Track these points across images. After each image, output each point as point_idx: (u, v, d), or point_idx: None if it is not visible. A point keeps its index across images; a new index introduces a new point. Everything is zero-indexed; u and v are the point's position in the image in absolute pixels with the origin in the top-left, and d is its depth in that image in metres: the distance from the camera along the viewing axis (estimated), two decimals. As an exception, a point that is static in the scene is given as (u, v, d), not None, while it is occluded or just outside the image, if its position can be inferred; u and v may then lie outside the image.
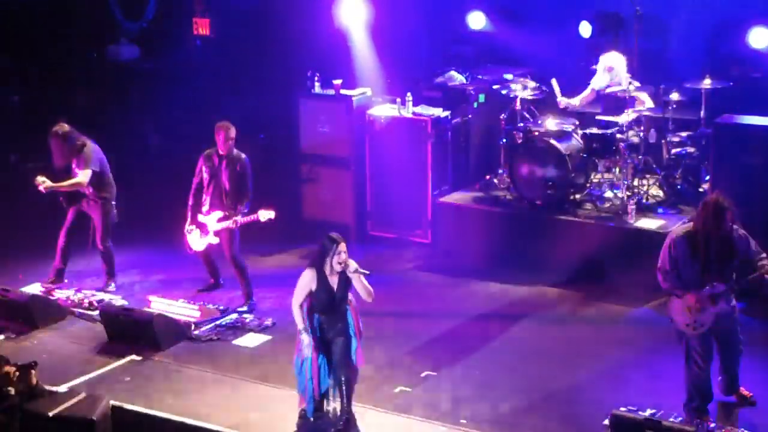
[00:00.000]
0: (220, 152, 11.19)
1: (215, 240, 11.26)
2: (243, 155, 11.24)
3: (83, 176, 11.43)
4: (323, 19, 14.51)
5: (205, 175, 11.27)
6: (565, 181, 12.17)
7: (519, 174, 12.44)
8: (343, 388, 8.74)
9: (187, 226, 11.33)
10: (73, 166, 11.51)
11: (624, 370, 9.89)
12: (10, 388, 8.37)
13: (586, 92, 12.80)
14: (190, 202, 11.34)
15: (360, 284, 8.56)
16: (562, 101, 12.77)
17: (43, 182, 11.44)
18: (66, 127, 11.51)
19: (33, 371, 8.63)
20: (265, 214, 11.03)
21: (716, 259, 8.56)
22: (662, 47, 14.20)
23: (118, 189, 11.84)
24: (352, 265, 8.51)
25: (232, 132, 11.18)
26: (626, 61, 12.60)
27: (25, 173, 13.98)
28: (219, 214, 11.15)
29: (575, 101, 12.82)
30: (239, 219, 11.08)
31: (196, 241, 11.33)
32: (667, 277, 8.70)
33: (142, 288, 11.88)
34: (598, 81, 12.68)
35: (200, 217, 11.26)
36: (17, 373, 8.48)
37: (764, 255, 8.65)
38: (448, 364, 10.03)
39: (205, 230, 11.25)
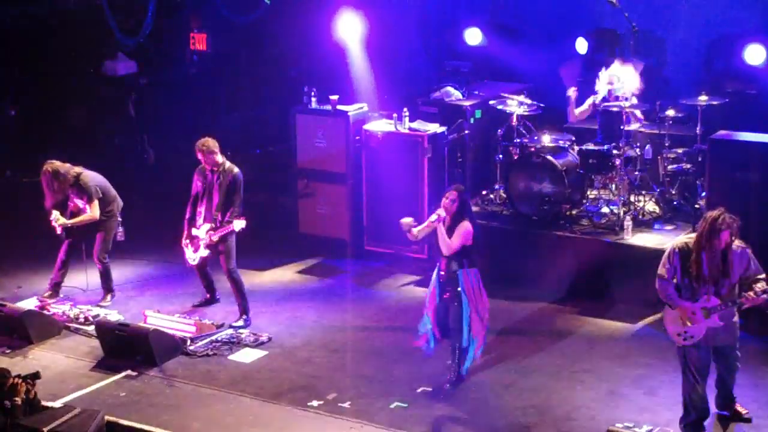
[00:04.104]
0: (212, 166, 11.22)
1: (206, 252, 11.26)
2: (236, 169, 11.24)
3: (94, 210, 11.55)
4: (320, 35, 14.55)
5: (200, 189, 11.29)
6: (561, 197, 12.18)
7: (515, 189, 12.45)
8: (456, 352, 9.74)
9: (184, 240, 11.34)
10: (73, 197, 11.54)
11: (620, 386, 9.87)
12: (17, 399, 8.35)
13: (584, 106, 12.78)
14: (186, 216, 11.35)
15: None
16: (576, 111, 12.71)
17: (58, 220, 11.50)
18: (55, 163, 11.51)
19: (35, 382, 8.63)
20: (238, 224, 11.01)
21: (711, 273, 8.55)
22: (658, 64, 14.23)
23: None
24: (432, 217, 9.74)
25: (207, 146, 11.14)
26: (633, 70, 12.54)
27: (21, 187, 14.03)
28: (208, 226, 11.15)
29: (576, 111, 12.78)
30: (215, 236, 11.08)
31: (192, 254, 11.33)
32: (663, 286, 8.71)
33: (138, 303, 11.86)
34: (600, 91, 12.62)
35: (194, 231, 11.27)
36: (24, 385, 8.45)
37: (763, 276, 8.61)
38: (444, 379, 10.00)
39: (198, 243, 11.25)
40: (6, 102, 16.24)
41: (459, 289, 9.65)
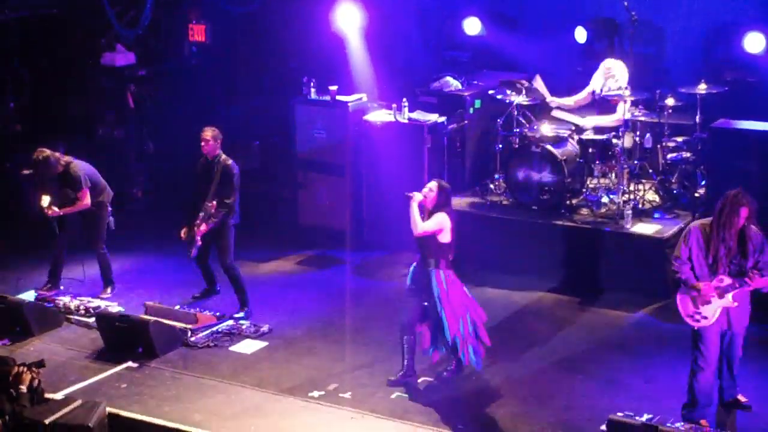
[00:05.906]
0: (208, 157, 11.21)
1: (199, 242, 11.26)
2: (230, 161, 11.23)
3: (86, 198, 11.55)
4: (319, 25, 14.53)
5: (199, 182, 11.28)
6: (561, 186, 12.19)
7: (515, 179, 12.46)
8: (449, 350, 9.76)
9: (182, 233, 11.33)
10: (63, 187, 11.53)
11: (621, 375, 9.89)
12: (22, 387, 8.34)
13: (582, 94, 12.77)
14: (187, 209, 11.34)
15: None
16: (554, 101, 12.75)
17: (48, 205, 11.50)
18: (45, 151, 11.51)
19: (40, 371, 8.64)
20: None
21: (727, 254, 8.53)
22: (658, 52, 14.21)
23: (113, 195, 11.87)
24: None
25: (208, 134, 11.15)
26: (627, 68, 12.55)
27: (21, 180, 14.01)
28: (201, 216, 11.16)
29: (570, 101, 12.79)
30: (203, 227, 11.08)
31: (191, 246, 11.33)
32: (680, 267, 8.69)
33: (139, 294, 11.86)
34: (597, 83, 12.64)
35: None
36: (29, 374, 8.45)
37: None
38: (444, 370, 10.01)
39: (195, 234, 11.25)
40: (5, 94, 16.20)
41: (432, 287, 9.53)
